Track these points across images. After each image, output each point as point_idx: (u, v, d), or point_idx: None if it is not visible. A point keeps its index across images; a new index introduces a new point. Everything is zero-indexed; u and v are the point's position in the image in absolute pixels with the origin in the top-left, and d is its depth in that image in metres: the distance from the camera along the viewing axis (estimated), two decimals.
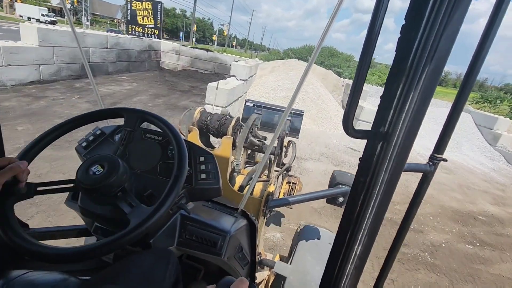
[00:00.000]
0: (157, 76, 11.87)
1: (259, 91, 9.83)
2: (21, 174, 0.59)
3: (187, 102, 8.27)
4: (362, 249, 0.59)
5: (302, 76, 0.82)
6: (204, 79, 12.37)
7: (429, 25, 0.42)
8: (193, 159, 0.85)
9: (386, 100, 0.48)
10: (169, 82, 10.99)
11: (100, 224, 0.75)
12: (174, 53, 13.69)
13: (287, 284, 1.31)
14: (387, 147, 0.50)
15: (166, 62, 13.94)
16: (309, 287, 1.29)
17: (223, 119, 1.70)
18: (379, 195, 0.54)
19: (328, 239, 1.62)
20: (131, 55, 11.26)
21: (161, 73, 12.88)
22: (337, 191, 1.33)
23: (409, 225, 0.82)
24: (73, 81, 8.09)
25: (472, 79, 0.68)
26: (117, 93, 7.79)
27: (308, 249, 1.51)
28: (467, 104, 13.50)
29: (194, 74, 13.15)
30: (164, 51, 13.73)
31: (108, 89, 8.03)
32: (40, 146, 0.71)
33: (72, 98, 6.59)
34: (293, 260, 1.44)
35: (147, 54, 12.53)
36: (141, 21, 14.51)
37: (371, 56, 0.48)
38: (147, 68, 12.68)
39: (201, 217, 0.87)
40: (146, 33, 14.65)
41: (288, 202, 1.39)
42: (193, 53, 13.62)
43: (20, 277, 0.58)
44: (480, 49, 0.65)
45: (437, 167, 0.75)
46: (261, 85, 10.39)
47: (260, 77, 11.52)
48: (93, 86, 1.17)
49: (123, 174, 0.66)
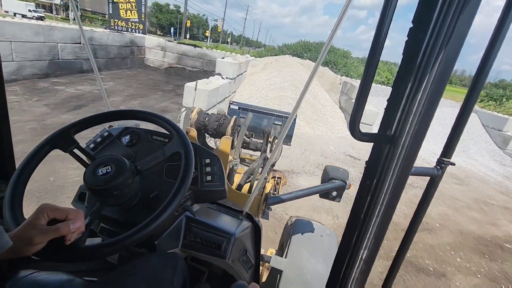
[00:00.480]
0: (139, 74, 10.94)
1: (249, 90, 8.97)
2: (69, 235, 0.55)
3: (167, 104, 7.39)
4: (368, 253, 0.59)
5: (308, 80, 0.76)
6: (192, 77, 11.46)
7: (437, 28, 0.42)
8: (199, 161, 0.85)
9: (393, 103, 0.49)
10: (152, 80, 10.08)
11: (106, 225, 0.76)
12: (160, 49, 12.75)
13: (284, 278, 1.31)
14: (394, 150, 0.50)
15: (151, 59, 13.00)
16: (306, 280, 1.31)
17: (222, 119, 1.68)
18: (385, 199, 0.54)
19: (320, 232, 1.63)
20: (110, 52, 10.32)
21: (145, 70, 11.95)
22: (331, 185, 1.37)
23: (417, 228, 0.82)
24: (38, 80, 7.17)
25: (482, 79, 0.66)
26: (86, 94, 6.88)
27: (302, 243, 1.52)
28: None
29: (181, 72, 12.23)
30: (149, 47, 12.78)
31: (77, 89, 7.11)
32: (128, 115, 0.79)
33: (29, 101, 5.69)
34: (288, 253, 1.45)
35: (129, 50, 11.58)
36: (124, 14, 13.52)
37: (379, 58, 0.48)
38: (129, 65, 11.74)
39: (206, 219, 0.88)
40: (130, 27, 13.69)
41: (286, 199, 1.45)
42: (180, 49, 12.69)
43: (26, 277, 0.57)
44: (491, 49, 0.63)
45: (444, 171, 0.75)
46: (252, 83, 9.53)
47: (251, 75, 10.65)
48: (100, 85, 1.13)
49: (130, 177, 0.66)
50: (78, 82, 7.83)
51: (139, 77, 10.28)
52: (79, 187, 0.87)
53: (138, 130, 0.90)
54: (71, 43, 8.29)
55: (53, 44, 7.66)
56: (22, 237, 0.51)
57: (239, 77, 9.20)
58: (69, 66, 8.38)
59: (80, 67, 8.86)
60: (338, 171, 1.41)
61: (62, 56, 8.04)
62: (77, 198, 0.85)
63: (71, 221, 0.55)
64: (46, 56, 7.45)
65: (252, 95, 8.53)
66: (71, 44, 8.29)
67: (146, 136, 0.89)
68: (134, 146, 0.85)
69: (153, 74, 11.42)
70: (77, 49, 8.56)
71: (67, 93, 6.63)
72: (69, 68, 8.40)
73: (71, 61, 8.42)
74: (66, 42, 8.09)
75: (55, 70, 7.88)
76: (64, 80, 7.67)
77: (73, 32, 8.28)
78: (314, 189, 1.39)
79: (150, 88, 8.81)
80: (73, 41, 8.36)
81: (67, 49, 8.17)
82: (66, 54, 8.16)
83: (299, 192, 1.41)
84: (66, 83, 7.41)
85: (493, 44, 0.63)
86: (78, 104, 6.00)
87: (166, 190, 0.67)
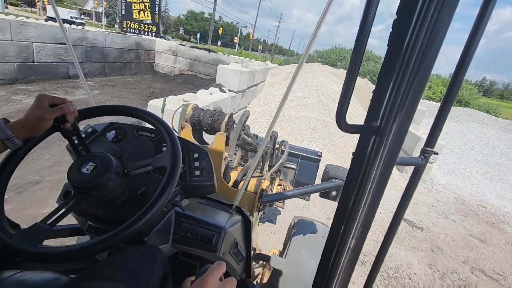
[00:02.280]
0: (141, 81, 9.46)
1: (262, 106, 6.96)
2: (69, 114, 0.67)
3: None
4: (355, 242, 0.61)
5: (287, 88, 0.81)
6: (204, 85, 9.78)
7: (421, 19, 0.43)
8: (186, 155, 0.84)
9: (379, 95, 0.50)
10: (151, 89, 8.49)
11: (94, 223, 0.76)
12: (171, 54, 11.28)
13: (282, 277, 1.31)
14: (379, 141, 0.51)
15: (161, 65, 11.57)
16: (303, 280, 1.29)
17: (216, 115, 1.64)
18: (372, 189, 0.55)
19: (321, 232, 1.61)
20: (108, 55, 8.94)
21: (151, 77, 10.50)
22: (330, 185, 1.37)
23: (400, 219, 0.83)
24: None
25: (462, 73, 0.70)
26: None
27: (302, 243, 1.51)
28: (494, 116, 12.09)
29: (191, 80, 10.60)
30: (159, 51, 11.37)
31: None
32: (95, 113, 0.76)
33: None
34: (287, 254, 1.43)
35: (134, 54, 10.20)
36: (137, 16, 12.34)
37: (363, 51, 0.49)
38: (133, 71, 10.35)
39: (196, 214, 0.87)
40: (142, 30, 12.46)
41: (282, 197, 1.51)
42: (192, 54, 11.11)
43: (11, 277, 0.57)
44: (469, 44, 0.67)
45: (428, 160, 0.77)
46: (268, 97, 7.51)
47: (270, 86, 8.62)
48: (85, 88, 1.14)
49: (115, 174, 0.66)
50: (51, 90, 6.39)
51: (138, 85, 8.76)
52: (64, 185, 0.85)
53: (124, 126, 0.89)
54: (53, 43, 6.93)
55: (25, 43, 6.32)
56: (34, 117, 0.63)
57: (252, 89, 7.21)
58: (49, 70, 7.02)
59: (66, 72, 7.49)
60: (338, 170, 1.44)
61: (38, 59, 6.68)
62: (62, 197, 0.84)
63: (69, 103, 0.68)
64: (13, 57, 6.10)
65: (264, 113, 6.49)
66: (52, 45, 6.93)
67: (132, 131, 0.88)
68: (120, 142, 0.84)
69: (158, 81, 9.90)
70: (61, 51, 7.20)
71: (20, 106, 5.12)
72: (49, 73, 7.04)
73: (51, 64, 7.05)
74: (44, 42, 6.74)
75: (28, 75, 6.53)
76: (34, 88, 6.26)
77: (55, 30, 6.93)
78: (313, 188, 1.47)
79: (141, 100, 7.17)
80: (56, 40, 7.00)
81: (46, 50, 6.81)
82: (44, 56, 6.80)
83: (296, 191, 1.41)
84: (32, 92, 5.97)
85: (473, 39, 0.65)
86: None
87: (154, 186, 0.67)
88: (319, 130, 5.70)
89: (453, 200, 5.34)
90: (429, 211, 4.59)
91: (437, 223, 4.21)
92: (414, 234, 3.73)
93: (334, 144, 5.61)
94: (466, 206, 5.20)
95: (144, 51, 10.76)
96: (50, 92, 6.17)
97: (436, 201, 5.12)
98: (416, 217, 4.19)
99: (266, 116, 6.39)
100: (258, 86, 7.91)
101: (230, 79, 5.73)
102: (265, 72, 8.84)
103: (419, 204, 4.73)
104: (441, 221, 4.30)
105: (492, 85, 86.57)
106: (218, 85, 5.63)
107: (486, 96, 63.69)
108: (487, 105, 13.79)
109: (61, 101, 0.66)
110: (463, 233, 4.11)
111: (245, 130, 1.75)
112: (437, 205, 4.90)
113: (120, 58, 9.52)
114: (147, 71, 11.18)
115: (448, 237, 3.86)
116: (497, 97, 71.03)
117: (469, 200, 5.51)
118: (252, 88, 7.38)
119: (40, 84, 6.57)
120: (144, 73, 10.87)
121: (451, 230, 4.10)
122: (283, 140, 2.05)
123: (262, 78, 8.44)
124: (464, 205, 5.21)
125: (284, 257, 1.40)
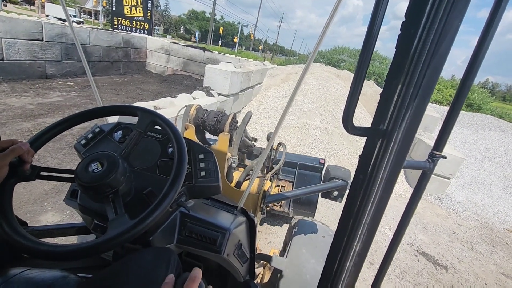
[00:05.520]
0: (129, 82, 8.76)
1: (257, 111, 6.25)
2: (25, 155, 0.61)
3: None
4: (361, 246, 0.59)
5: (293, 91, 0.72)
6: (197, 86, 9.09)
7: (429, 21, 0.42)
8: (192, 156, 0.85)
9: (386, 97, 0.48)
10: (139, 91, 7.81)
11: (99, 222, 0.75)
12: (163, 53, 10.59)
13: (283, 277, 1.29)
14: (387, 144, 0.50)
15: (153, 64, 10.89)
16: (304, 280, 1.27)
17: (220, 116, 1.63)
18: (378, 192, 0.54)
19: (322, 232, 1.59)
20: (93, 53, 8.26)
21: (141, 78, 9.81)
22: (332, 185, 1.37)
23: (408, 222, 0.80)
24: None
25: (472, 76, 0.68)
26: (17, 110, 4.65)
27: (303, 243, 1.48)
28: (509, 122, 11.45)
29: (184, 80, 9.90)
30: (151, 50, 10.69)
31: (4, 102, 4.94)
32: (48, 136, 0.71)
33: None
34: (288, 253, 1.41)
35: (123, 53, 9.51)
36: (128, 12, 11.67)
37: (371, 53, 0.48)
38: (122, 71, 9.67)
39: (201, 215, 0.87)
40: (134, 27, 11.79)
41: (284, 197, 1.51)
42: (186, 53, 10.41)
43: (19, 275, 0.57)
44: (480, 47, 0.64)
45: (436, 164, 0.75)
46: (264, 101, 6.79)
47: (267, 88, 7.91)
48: (92, 86, 1.14)
49: (122, 174, 0.65)
50: (21, 91, 5.70)
51: (125, 87, 8.07)
52: (71, 184, 0.84)
53: (131, 126, 0.88)
54: (25, 39, 6.25)
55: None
56: None
57: (247, 92, 6.50)
58: (21, 69, 6.33)
59: (42, 71, 6.81)
60: (339, 170, 1.44)
61: (8, 56, 6.00)
62: (69, 195, 0.84)
63: (20, 143, 0.61)
64: None
65: (259, 120, 5.77)
66: (25, 41, 6.25)
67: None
68: (134, 146, 0.83)
69: (148, 82, 9.20)
70: (36, 48, 6.52)
71: None
72: (22, 73, 6.36)
73: (24, 62, 6.37)
74: (16, 38, 6.06)
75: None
76: (1, 89, 5.58)
77: (29, 25, 6.25)
78: (314, 188, 1.44)
79: (124, 104, 6.47)
80: (30, 36, 6.32)
81: (17, 46, 6.13)
82: (15, 54, 6.12)
83: (298, 191, 1.41)
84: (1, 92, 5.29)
85: (483, 42, 0.64)
86: None
87: (160, 186, 0.66)
88: (320, 139, 4.98)
89: (475, 224, 4.60)
90: (451, 240, 3.87)
91: (463, 257, 3.48)
92: (437, 276, 3.01)
93: (338, 155, 4.89)
94: (491, 231, 4.47)
95: (134, 50, 10.07)
96: (18, 94, 5.49)
97: (456, 225, 4.39)
98: (437, 251, 3.46)
99: (261, 123, 5.67)
100: (254, 88, 7.19)
101: (220, 81, 5.03)
102: (263, 73, 8.13)
103: (438, 231, 4.01)
104: (467, 255, 3.58)
105: (495, 87, 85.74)
106: (205, 87, 4.93)
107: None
108: (500, 109, 12.97)
109: (9, 143, 0.60)
110: (495, 271, 3.39)
111: (244, 133, 1.72)
112: (458, 232, 4.17)
113: (106, 57, 8.83)
114: (138, 71, 10.50)
115: (478, 278, 3.14)
116: (500, 99, 70.27)
117: (493, 223, 4.77)
118: (248, 90, 6.67)
119: (10, 85, 5.89)
120: (134, 73, 10.19)
121: (481, 267, 3.37)
122: (280, 143, 2.07)
123: (259, 80, 7.72)
124: (489, 231, 4.47)
125: (285, 257, 1.39)
